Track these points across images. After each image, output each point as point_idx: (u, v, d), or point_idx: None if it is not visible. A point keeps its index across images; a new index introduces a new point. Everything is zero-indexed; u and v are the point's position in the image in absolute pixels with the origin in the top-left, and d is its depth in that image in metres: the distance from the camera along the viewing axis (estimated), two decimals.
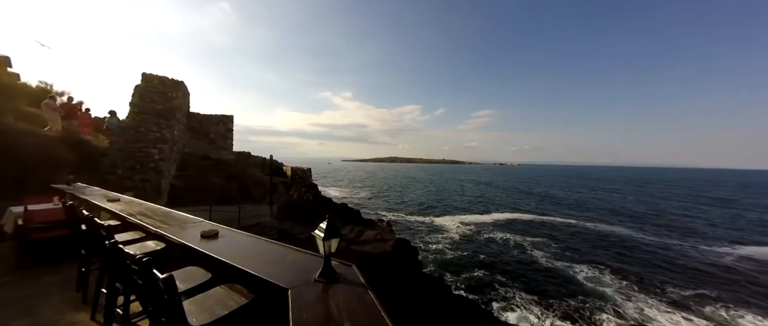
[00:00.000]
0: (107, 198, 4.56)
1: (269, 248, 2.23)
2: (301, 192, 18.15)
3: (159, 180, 10.71)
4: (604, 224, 36.82)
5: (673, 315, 15.34)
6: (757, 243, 29.21)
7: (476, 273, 20.34)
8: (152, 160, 10.93)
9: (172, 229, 2.70)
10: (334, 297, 1.45)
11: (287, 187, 18.33)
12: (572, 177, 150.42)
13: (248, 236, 2.55)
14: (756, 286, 18.97)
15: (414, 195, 62.00)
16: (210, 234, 2.43)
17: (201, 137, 18.65)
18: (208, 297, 1.65)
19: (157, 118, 12.63)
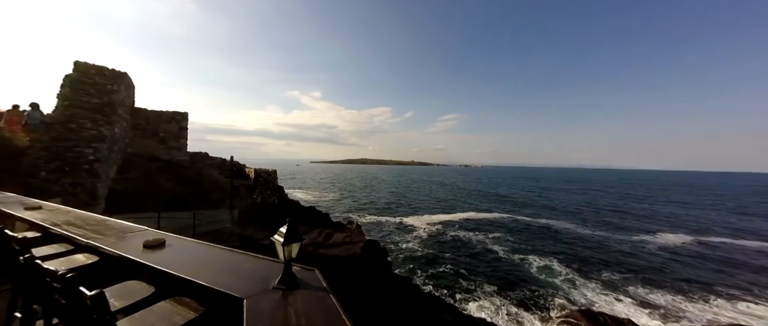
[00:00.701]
0: (24, 205, 3.87)
1: (225, 256, 2.09)
2: (266, 196, 17.24)
3: (94, 184, 9.41)
4: (553, 220, 40.76)
5: (606, 296, 17.64)
6: (668, 231, 34.68)
7: (443, 269, 21.18)
8: (86, 160, 9.57)
9: (108, 240, 2.39)
10: (294, 303, 1.41)
11: (250, 190, 17.28)
12: (526, 178, 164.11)
13: (201, 244, 2.36)
14: (669, 267, 22.53)
15: (384, 196, 62.52)
16: (155, 244, 2.19)
17: (149, 136, 16.77)
18: (150, 313, 1.49)
19: (92, 113, 11.09)
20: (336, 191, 68.22)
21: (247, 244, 9.65)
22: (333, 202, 50.65)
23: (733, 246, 29.32)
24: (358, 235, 15.62)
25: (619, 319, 14.55)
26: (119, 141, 13.10)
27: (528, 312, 15.81)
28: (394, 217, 39.06)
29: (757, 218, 46.35)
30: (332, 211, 41.50)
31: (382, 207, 47.08)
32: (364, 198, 57.04)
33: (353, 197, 58.50)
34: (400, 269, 20.89)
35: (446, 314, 13.01)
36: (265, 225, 13.25)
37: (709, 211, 52.30)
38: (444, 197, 64.19)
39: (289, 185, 77.08)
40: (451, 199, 60.77)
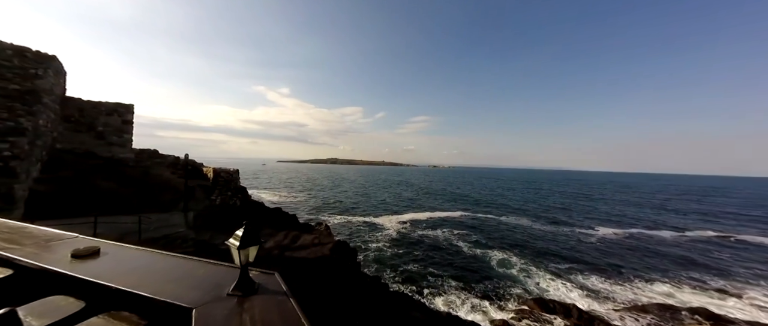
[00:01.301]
0: None
1: (173, 263, 1.92)
2: (226, 197, 16.09)
3: (10, 185, 8.01)
4: (511, 217, 44.07)
5: (555, 284, 19.63)
6: (606, 226, 39.49)
7: (412, 266, 21.74)
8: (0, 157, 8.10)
9: (26, 250, 2.05)
10: (250, 310, 1.35)
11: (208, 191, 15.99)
12: (489, 178, 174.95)
13: (145, 251, 2.14)
14: (604, 255, 25.67)
15: (354, 196, 62.13)
16: (86, 253, 1.93)
17: (84, 130, 14.67)
18: None
19: (10, 102, 9.41)
20: (305, 191, 66.13)
21: (204, 250, 8.94)
22: (301, 203, 49.03)
23: (654, 237, 34.30)
24: (327, 236, 15.33)
25: (566, 305, 16.20)
26: (44, 135, 11.28)
27: (489, 303, 16.92)
28: (363, 217, 39.01)
29: (675, 213, 54.70)
30: (300, 212, 40.18)
31: (352, 208, 46.74)
32: (333, 199, 56.10)
33: (322, 197, 57.24)
34: (370, 268, 20.99)
35: (415, 311, 13.35)
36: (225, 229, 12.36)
37: (640, 208, 60.56)
38: (413, 197, 65.71)
39: (254, 185, 72.92)
40: (420, 199, 62.44)
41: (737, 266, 24.35)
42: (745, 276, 22.06)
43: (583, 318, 14.92)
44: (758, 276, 22.28)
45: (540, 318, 15.17)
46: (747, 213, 55.93)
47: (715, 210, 58.96)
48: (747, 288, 20.01)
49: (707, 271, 22.91)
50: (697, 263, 24.77)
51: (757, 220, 47.68)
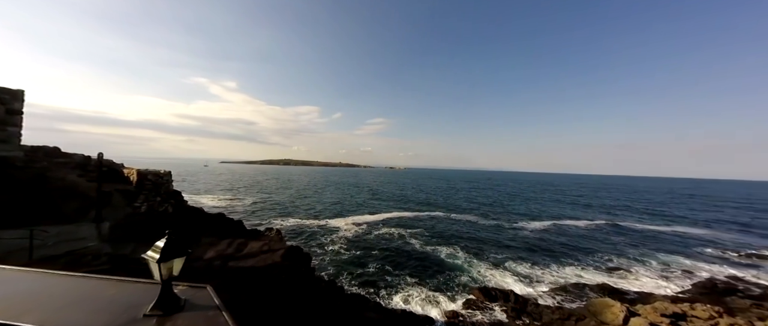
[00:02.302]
0: None
1: (73, 284, 1.61)
2: (154, 203, 13.92)
3: None
4: (458, 214, 47.62)
5: (495, 273, 21.81)
6: (536, 220, 45.37)
7: (368, 267, 21.84)
8: None
9: None
10: None
11: (131, 197, 13.65)
12: (441, 179, 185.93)
13: (34, 273, 1.75)
14: (535, 245, 29.38)
15: (309, 198, 59.80)
16: None
17: None
18: None
19: None
20: (253, 194, 61.14)
21: (123, 266, 7.61)
22: (249, 207, 45.23)
23: (570, 226, 40.57)
24: (278, 242, 14.44)
25: (505, 291, 18.07)
26: None
27: (441, 295, 17.99)
28: (319, 220, 37.83)
29: (585, 207, 65.25)
30: (248, 217, 37.11)
31: (306, 211, 44.94)
32: (286, 202, 53.11)
33: (274, 201, 53.72)
34: (325, 272, 20.45)
35: (371, 312, 13.42)
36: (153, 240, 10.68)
37: (560, 203, 70.92)
38: (369, 198, 66.09)
39: (193, 189, 64.88)
40: (376, 200, 63.13)
41: (626, 247, 30.34)
42: (632, 255, 27.63)
43: (519, 301, 16.84)
44: (641, 254, 28.10)
45: (485, 305, 16.65)
46: (634, 205, 69.96)
47: (614, 204, 72.52)
48: (633, 264, 25.06)
49: (606, 253, 28.02)
50: (599, 247, 30.08)
51: (640, 212, 59.96)
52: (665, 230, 40.17)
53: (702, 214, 56.38)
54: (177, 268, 1.37)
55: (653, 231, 39.38)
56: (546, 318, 15.25)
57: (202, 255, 11.66)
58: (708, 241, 33.99)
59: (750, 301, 17.50)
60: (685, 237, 35.68)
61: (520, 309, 16.17)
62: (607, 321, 13.75)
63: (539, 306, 16.61)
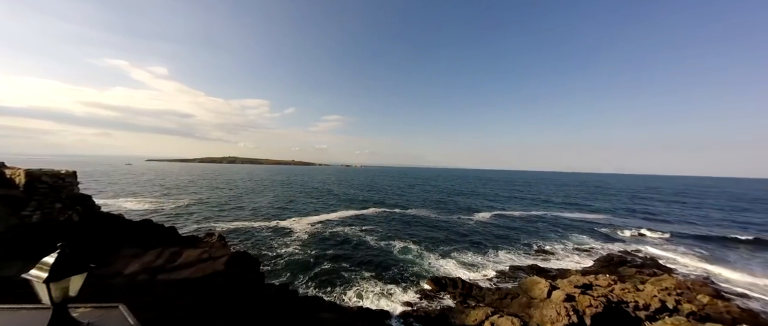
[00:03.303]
0: None
1: None
2: (53, 211, 11.27)
3: None
4: (411, 209, 49.73)
5: (445, 262, 23.42)
6: (483, 212, 49.99)
7: (324, 266, 21.36)
8: None
9: None
10: None
11: (17, 204, 10.83)
12: (397, 177, 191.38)
13: None
14: (480, 235, 32.36)
15: (259, 199, 55.51)
16: None
17: None
18: None
19: None
20: (190, 196, 54.10)
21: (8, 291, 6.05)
22: (184, 211, 39.96)
23: (508, 216, 45.76)
24: (221, 248, 13.11)
25: (454, 279, 19.51)
26: None
27: (396, 287, 18.60)
28: (269, 222, 35.47)
29: (520, 200, 73.97)
30: (183, 222, 32.88)
31: (256, 212, 41.68)
32: (231, 203, 48.38)
33: (216, 202, 48.44)
34: (277, 277, 19.36)
35: (325, 312, 13.15)
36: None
37: (499, 196, 79.20)
38: (324, 197, 64.44)
39: (111, 193, 54.60)
40: (332, 198, 61.89)
41: (549, 233, 35.51)
42: (554, 239, 32.47)
43: (466, 287, 18.39)
44: (560, 238, 33.19)
45: (436, 293, 17.76)
46: (555, 198, 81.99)
47: (542, 196, 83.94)
48: (555, 247, 29.46)
49: (535, 239, 32.38)
50: (529, 234, 34.59)
51: (560, 203, 70.55)
52: (577, 217, 48.21)
53: (603, 204, 69.01)
54: (74, 288, 1.16)
55: (569, 218, 46.86)
56: (488, 299, 16.97)
57: (122, 270, 9.93)
58: (607, 225, 41.81)
59: (635, 269, 22.13)
60: (591, 223, 43.27)
61: (467, 293, 17.68)
62: (535, 296, 15.92)
63: (482, 289, 18.39)
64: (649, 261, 24.80)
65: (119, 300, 1.54)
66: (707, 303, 15.81)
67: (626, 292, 16.33)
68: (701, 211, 57.17)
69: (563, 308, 13.65)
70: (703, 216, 51.07)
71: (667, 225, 42.33)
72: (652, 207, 61.87)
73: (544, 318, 13.64)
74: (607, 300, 14.93)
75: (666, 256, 26.64)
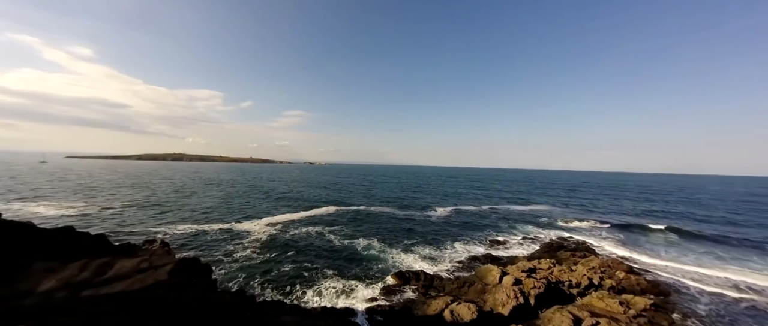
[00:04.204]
0: None
1: None
2: None
3: None
4: (374, 206, 50.26)
5: (407, 257, 24.16)
6: (441, 206, 52.50)
7: (285, 268, 20.48)
8: None
9: None
10: None
11: None
12: (362, 174, 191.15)
13: None
14: (440, 229, 34.03)
15: (211, 200, 50.83)
16: None
17: None
18: None
19: None
20: (124, 199, 47.21)
21: None
22: (117, 216, 34.85)
23: (465, 211, 48.80)
24: (164, 256, 11.77)
25: (417, 272, 20.22)
26: None
27: (360, 284, 18.65)
28: (224, 224, 32.79)
29: (475, 196, 79.29)
30: (115, 229, 28.75)
31: (207, 214, 38.15)
32: (177, 205, 43.50)
33: (157, 205, 43.10)
34: (233, 283, 18.05)
35: (287, 315, 12.65)
36: None
37: (459, 192, 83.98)
38: (285, 195, 61.63)
39: (17, 195, 45.11)
40: (293, 197, 59.47)
41: (501, 223, 38.85)
42: (505, 229, 35.59)
43: (428, 278, 19.22)
44: (510, 228, 36.48)
45: (400, 287, 18.24)
46: (505, 192, 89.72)
47: (496, 191, 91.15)
48: (506, 236, 32.30)
49: (489, 230, 35.13)
50: (484, 226, 37.43)
51: (510, 197, 77.36)
52: (525, 209, 53.50)
53: (545, 197, 77.50)
54: None
55: (518, 210, 51.77)
56: (448, 288, 17.98)
57: (34, 288, 8.33)
58: (548, 215, 47.09)
59: (569, 253, 25.31)
60: (535, 214, 48.34)
61: (429, 285, 18.51)
62: (489, 282, 17.32)
63: (443, 279, 19.41)
64: (581, 246, 28.60)
65: (29, 324, 1.30)
66: (623, 278, 18.82)
67: (562, 273, 18.63)
68: (624, 203, 67.56)
69: (512, 291, 15.09)
70: (624, 207, 60.44)
71: (595, 214, 49.20)
72: (584, 200, 71.34)
73: (496, 302, 14.92)
74: (548, 282, 16.88)
75: (593, 241, 30.98)
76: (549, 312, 14.32)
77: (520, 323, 13.43)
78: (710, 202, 70.07)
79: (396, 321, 14.25)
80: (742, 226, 40.21)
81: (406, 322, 14.09)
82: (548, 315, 14.06)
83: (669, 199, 74.48)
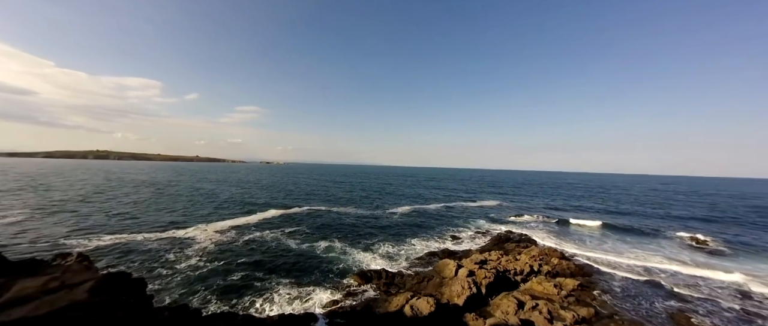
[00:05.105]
0: None
1: None
2: None
3: None
4: (336, 207, 49.52)
5: (368, 255, 24.40)
6: (404, 205, 53.84)
7: (235, 277, 18.94)
8: None
9: None
10: None
11: None
12: (323, 174, 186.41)
13: None
14: (400, 227, 34.89)
15: (146, 205, 44.45)
16: None
17: None
18: None
19: None
20: (21, 205, 38.62)
21: None
22: (17, 227, 28.40)
23: (424, 209, 50.87)
24: (82, 272, 9.95)
25: (378, 271, 20.42)
26: None
27: (321, 286, 18.16)
28: (162, 232, 29.03)
29: (432, 194, 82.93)
30: (14, 243, 23.46)
31: (139, 221, 33.31)
32: (101, 211, 37.09)
33: (73, 211, 36.20)
34: (174, 297, 16.08)
35: None
36: None
37: (417, 192, 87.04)
38: (239, 198, 57.02)
39: None
40: (248, 199, 55.35)
41: (456, 220, 41.40)
42: (459, 225, 37.99)
43: (390, 276, 19.54)
44: (464, 223, 39.06)
45: (361, 287, 18.20)
46: (459, 191, 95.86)
47: (451, 190, 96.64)
48: (461, 231, 34.51)
49: (445, 226, 37.17)
50: (441, 223, 39.48)
51: (465, 194, 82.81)
52: (477, 206, 57.85)
53: (495, 195, 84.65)
54: None
55: (472, 207, 55.72)
56: (408, 284, 18.51)
57: None
58: (498, 211, 51.58)
59: (515, 244, 28.04)
60: (487, 210, 52.58)
61: (390, 282, 18.83)
62: (446, 275, 18.30)
63: (403, 276, 19.93)
64: (524, 238, 31.90)
65: None
66: (557, 264, 21.50)
67: (509, 263, 20.56)
68: (559, 199, 76.99)
69: (466, 282, 16.16)
70: (559, 203, 68.91)
71: (536, 209, 55.30)
72: (527, 196, 79.72)
73: (452, 293, 15.84)
74: (497, 271, 18.47)
75: (534, 233, 34.81)
76: (497, 299, 15.69)
77: (473, 311, 14.48)
78: (625, 197, 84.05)
79: (358, 322, 14.20)
80: (647, 218, 49.09)
81: (367, 322, 14.13)
82: (497, 302, 15.40)
83: (596, 196, 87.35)
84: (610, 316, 15.03)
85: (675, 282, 20.51)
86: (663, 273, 22.43)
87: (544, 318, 13.16)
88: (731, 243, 31.12)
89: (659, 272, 22.58)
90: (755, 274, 22.03)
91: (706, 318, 15.56)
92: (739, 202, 73.91)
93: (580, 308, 15.20)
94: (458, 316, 14.12)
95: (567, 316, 13.98)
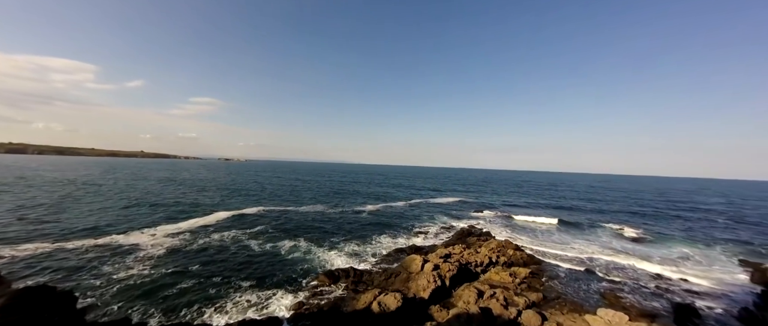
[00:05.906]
0: None
1: None
2: None
3: None
4: (302, 206, 48.06)
5: (334, 254, 24.14)
6: (371, 203, 54.07)
7: (186, 285, 17.35)
8: None
9: None
10: None
11: None
12: (287, 171, 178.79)
13: None
14: (368, 226, 35.02)
15: (75, 209, 38.37)
16: None
17: None
18: None
19: None
20: None
21: None
22: None
23: (391, 207, 51.71)
24: None
25: (346, 269, 20.27)
26: None
27: (284, 291, 17.41)
28: (97, 238, 25.41)
29: (391, 192, 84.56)
30: None
31: (69, 226, 28.72)
32: (10, 215, 31.18)
33: None
34: (111, 312, 14.22)
35: None
36: None
37: (387, 191, 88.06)
38: (193, 198, 52.15)
39: None
40: (203, 199, 50.93)
41: (423, 215, 42.82)
42: (426, 221, 39.37)
43: (358, 274, 19.50)
44: (430, 219, 40.56)
45: (329, 287, 17.91)
46: (424, 188, 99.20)
47: (417, 187, 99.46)
48: (427, 227, 35.75)
49: (412, 222, 38.23)
50: (408, 219, 40.53)
51: (430, 190, 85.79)
52: (442, 202, 60.43)
53: (458, 192, 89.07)
54: None
55: (436, 203, 58.02)
56: (376, 281, 18.67)
57: None
58: (460, 207, 54.38)
59: (476, 238, 29.83)
60: (451, 206, 55.18)
61: (358, 280, 18.81)
62: (413, 270, 18.82)
63: (372, 273, 20.05)
64: (484, 231, 34.11)
65: None
66: (512, 255, 23.37)
67: (470, 255, 21.83)
68: (517, 196, 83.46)
69: (432, 276, 16.81)
70: (516, 199, 74.68)
71: (496, 205, 59.42)
72: (489, 193, 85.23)
73: (418, 288, 16.35)
74: (460, 264, 19.50)
75: (492, 228, 37.41)
76: (460, 290, 16.59)
77: (438, 303, 15.13)
78: (570, 194, 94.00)
79: (325, 323, 13.97)
80: (588, 212, 55.56)
81: (335, 322, 13.97)
82: (459, 293, 16.28)
83: (546, 193, 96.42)
84: (556, 298, 16.84)
85: (607, 267, 23.66)
86: (598, 260, 25.71)
87: (501, 305, 14.25)
88: (650, 232, 36.78)
89: (595, 259, 25.83)
90: (667, 257, 26.52)
91: (629, 294, 18.23)
92: (659, 198, 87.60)
93: (531, 293, 16.76)
94: (424, 309, 14.65)
95: (520, 301, 15.32)
